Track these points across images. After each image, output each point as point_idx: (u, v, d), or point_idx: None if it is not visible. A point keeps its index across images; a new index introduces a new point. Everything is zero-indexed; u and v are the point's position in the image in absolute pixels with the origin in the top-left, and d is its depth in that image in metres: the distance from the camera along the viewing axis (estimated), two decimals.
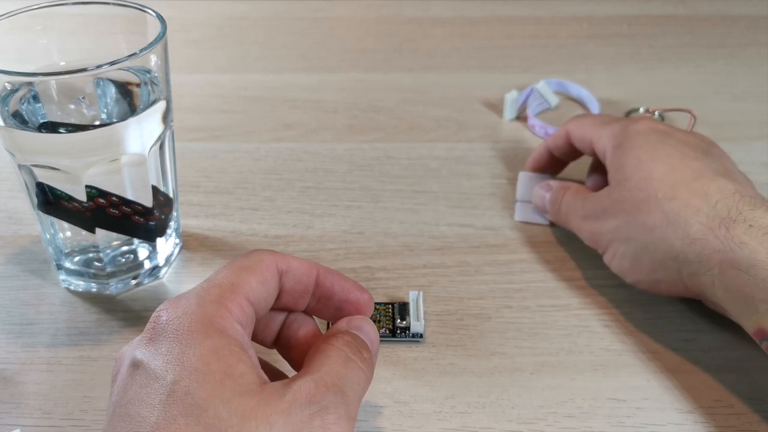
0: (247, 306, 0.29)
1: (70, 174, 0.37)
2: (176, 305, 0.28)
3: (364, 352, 0.30)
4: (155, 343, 0.27)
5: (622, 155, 0.41)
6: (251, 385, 0.26)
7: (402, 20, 0.78)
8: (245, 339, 0.28)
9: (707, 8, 0.80)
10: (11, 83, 0.37)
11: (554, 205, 0.45)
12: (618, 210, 0.40)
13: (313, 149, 0.56)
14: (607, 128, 0.44)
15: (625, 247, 0.39)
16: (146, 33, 0.39)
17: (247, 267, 0.30)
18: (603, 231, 0.40)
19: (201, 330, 0.26)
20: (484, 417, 0.36)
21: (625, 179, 0.40)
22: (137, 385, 0.26)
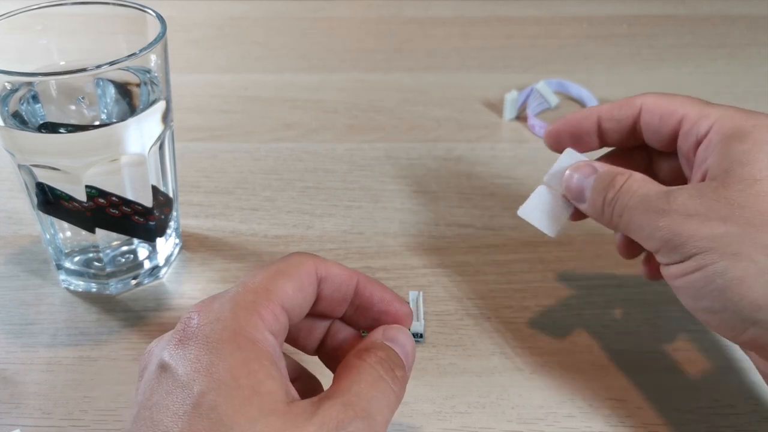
0: (281, 314, 0.28)
1: (70, 174, 0.37)
2: (209, 309, 0.27)
3: (397, 370, 0.29)
4: (184, 346, 0.26)
5: (752, 148, 0.31)
6: (278, 404, 0.25)
7: (402, 20, 0.78)
8: (276, 350, 0.27)
9: (707, 8, 0.80)
10: (11, 83, 0.37)
11: (603, 193, 0.35)
12: (732, 215, 0.30)
13: (313, 149, 0.56)
14: (716, 109, 0.34)
15: (727, 263, 0.30)
16: (146, 33, 0.39)
17: (285, 271, 0.29)
18: (698, 234, 0.31)
19: (232, 340, 0.26)
20: (484, 417, 0.36)
21: (752, 179, 0.31)
22: (163, 391, 0.25)
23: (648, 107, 0.37)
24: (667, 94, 0.37)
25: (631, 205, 0.33)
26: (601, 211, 0.35)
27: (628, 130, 0.37)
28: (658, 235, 0.32)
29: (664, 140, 0.36)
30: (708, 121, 0.34)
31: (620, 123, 0.37)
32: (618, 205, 0.34)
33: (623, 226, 0.34)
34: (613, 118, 0.37)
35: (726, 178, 0.31)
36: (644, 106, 0.37)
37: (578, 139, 0.38)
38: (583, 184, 0.36)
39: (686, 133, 0.35)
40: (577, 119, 0.38)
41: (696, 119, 0.34)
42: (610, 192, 0.34)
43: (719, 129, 0.33)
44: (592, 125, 0.38)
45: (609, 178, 0.35)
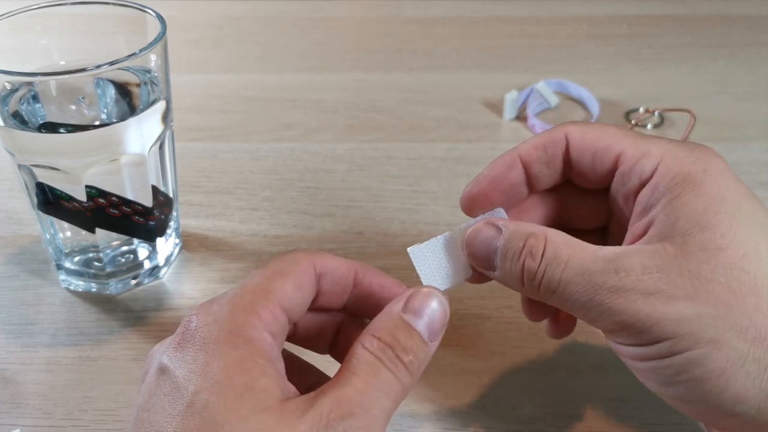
0: (280, 313, 0.27)
1: (70, 174, 0.37)
2: (207, 311, 0.27)
3: (404, 355, 0.27)
4: (182, 349, 0.26)
5: (710, 206, 0.28)
6: (272, 401, 0.25)
7: (402, 20, 0.78)
8: (273, 349, 0.27)
9: (707, 8, 0.80)
10: (11, 83, 0.37)
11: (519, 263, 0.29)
12: (701, 293, 0.26)
13: (313, 149, 0.56)
14: (655, 145, 0.30)
15: (704, 351, 0.26)
16: (146, 33, 0.39)
17: (283, 270, 0.28)
18: (666, 318, 0.26)
19: (228, 340, 0.26)
20: (484, 417, 0.36)
21: (715, 248, 0.27)
22: (161, 393, 0.25)
23: (576, 143, 0.31)
24: (592, 125, 0.32)
25: (566, 279, 0.28)
26: (520, 284, 0.29)
27: (560, 172, 0.32)
28: (615, 320, 0.27)
29: (597, 179, 0.32)
30: (651, 160, 0.29)
31: (549, 165, 0.32)
32: (547, 279, 0.28)
33: (558, 302, 0.29)
34: (540, 161, 0.32)
35: (685, 245, 0.27)
36: (572, 142, 0.31)
37: (506, 196, 0.32)
38: (489, 249, 0.30)
39: (626, 173, 0.30)
40: (499, 173, 0.32)
41: (636, 157, 0.30)
42: (531, 261, 0.28)
43: (666, 173, 0.29)
44: (518, 175, 0.32)
45: (520, 241, 0.29)
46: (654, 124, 0.59)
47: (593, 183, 0.32)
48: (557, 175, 0.32)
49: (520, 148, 0.32)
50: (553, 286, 0.28)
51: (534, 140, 0.32)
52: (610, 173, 0.31)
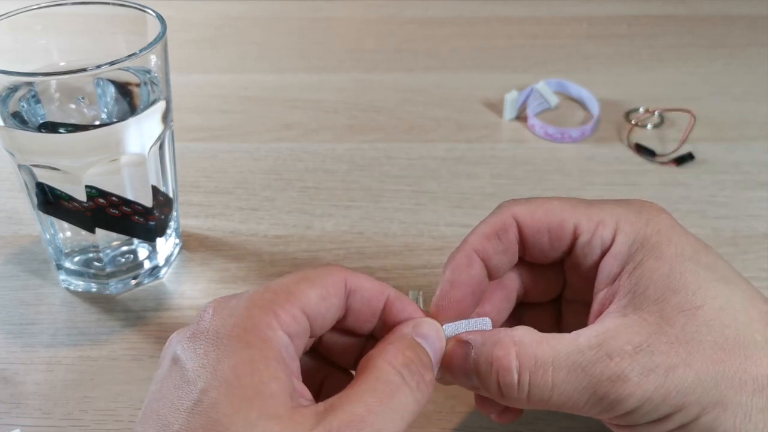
0: (301, 317, 0.26)
1: (70, 174, 0.37)
2: (225, 305, 0.26)
3: (426, 372, 0.26)
4: (196, 341, 0.26)
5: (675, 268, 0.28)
6: (280, 408, 0.24)
7: (402, 20, 0.78)
8: (289, 350, 0.26)
9: (707, 8, 0.80)
10: (11, 83, 0.37)
11: (501, 382, 0.27)
12: (694, 356, 0.26)
13: (313, 149, 0.56)
14: (605, 211, 0.30)
15: (713, 415, 0.26)
16: (146, 33, 0.39)
17: (310, 279, 0.27)
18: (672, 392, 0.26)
19: (241, 337, 0.25)
20: (484, 417, 0.36)
21: (692, 308, 0.27)
22: (171, 384, 0.25)
23: (528, 224, 0.31)
24: (534, 201, 0.31)
25: (560, 380, 0.27)
26: (501, 398, 0.28)
27: (516, 256, 0.32)
28: (623, 407, 0.26)
29: (554, 255, 0.32)
30: (607, 229, 0.30)
31: (507, 253, 0.31)
32: (537, 389, 0.27)
33: (554, 407, 0.28)
34: (497, 251, 0.31)
35: (663, 312, 0.27)
36: (523, 224, 0.31)
37: (474, 294, 0.31)
38: (466, 371, 0.29)
39: (586, 245, 0.30)
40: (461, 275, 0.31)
41: (592, 228, 0.30)
42: (507, 376, 0.27)
43: (626, 240, 0.29)
44: (479, 270, 0.31)
45: (489, 358, 0.28)
46: (654, 124, 0.59)
47: (550, 259, 0.32)
48: (515, 260, 0.32)
49: (472, 241, 0.31)
50: (546, 394, 0.27)
51: (482, 230, 0.31)
52: (568, 248, 0.31)
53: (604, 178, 0.53)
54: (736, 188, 0.52)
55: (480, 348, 0.28)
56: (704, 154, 0.55)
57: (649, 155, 0.55)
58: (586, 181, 0.53)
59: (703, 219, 0.49)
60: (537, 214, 0.31)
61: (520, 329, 0.28)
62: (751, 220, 0.49)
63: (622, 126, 0.59)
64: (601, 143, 0.57)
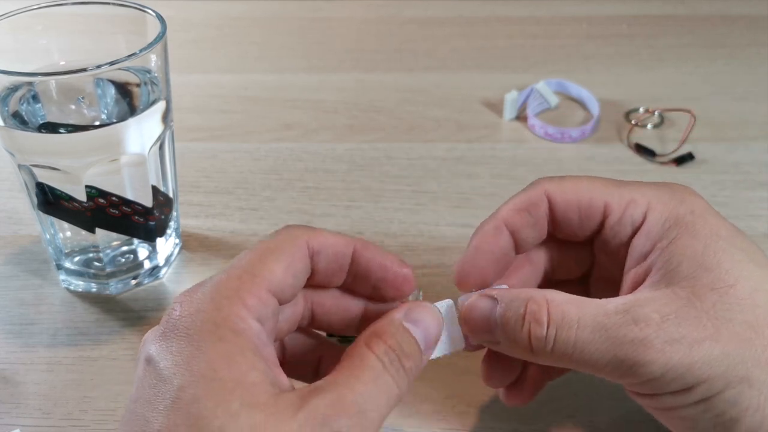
0: (269, 298, 0.26)
1: (70, 174, 0.37)
2: (191, 299, 0.26)
3: (407, 360, 0.27)
4: (167, 339, 0.25)
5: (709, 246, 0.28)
6: (263, 395, 0.24)
7: (402, 20, 0.78)
8: (262, 338, 0.26)
9: (707, 8, 0.80)
10: (11, 83, 0.37)
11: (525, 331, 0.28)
12: (722, 332, 0.27)
13: (313, 149, 0.56)
14: (637, 191, 0.31)
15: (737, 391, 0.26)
16: (146, 33, 0.39)
17: (273, 250, 0.27)
18: (697, 362, 0.26)
19: (213, 331, 0.25)
20: (484, 417, 0.36)
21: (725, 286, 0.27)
22: (147, 384, 0.25)
23: (559, 201, 0.31)
24: (567, 179, 0.32)
25: (583, 339, 0.27)
26: (528, 352, 0.28)
27: (546, 231, 0.32)
28: (644, 372, 0.27)
29: (584, 233, 0.32)
30: (639, 208, 0.30)
31: (536, 227, 0.32)
32: (561, 343, 0.27)
33: (576, 365, 0.28)
34: (526, 224, 0.31)
35: (695, 288, 0.27)
36: (554, 201, 0.31)
37: (498, 264, 0.31)
38: (488, 322, 0.29)
39: (615, 223, 0.31)
40: (488, 243, 0.31)
41: (622, 207, 0.30)
42: (537, 328, 0.28)
43: (657, 218, 0.29)
44: (507, 242, 0.31)
45: (520, 308, 0.28)
46: (654, 124, 0.59)
47: (579, 237, 0.32)
48: (543, 235, 0.32)
49: (503, 213, 0.32)
50: (569, 349, 0.27)
51: (515, 203, 0.32)
52: (598, 226, 0.31)
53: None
54: (736, 188, 0.52)
55: (509, 303, 0.29)
56: (704, 154, 0.55)
57: (649, 155, 0.55)
58: None
59: None
60: (568, 191, 0.31)
61: (550, 291, 0.29)
62: (751, 220, 0.49)
63: (622, 126, 0.59)
64: (601, 143, 0.57)
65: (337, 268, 0.29)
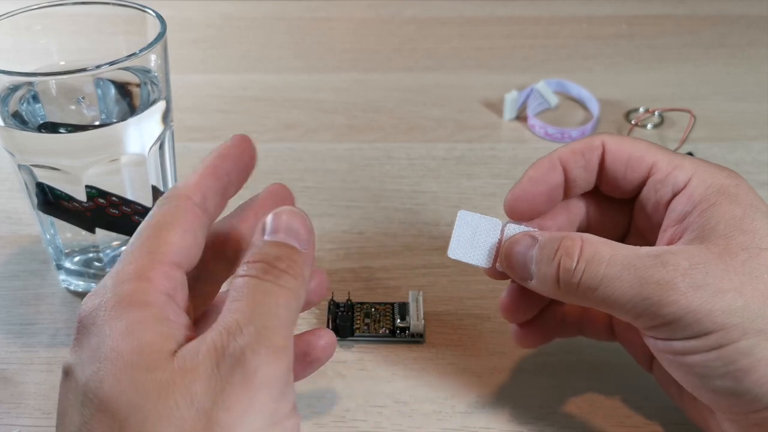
0: (173, 270, 0.26)
1: (70, 174, 0.37)
2: (93, 296, 0.26)
3: (279, 263, 0.25)
4: (80, 343, 0.25)
5: (748, 213, 0.29)
6: (163, 354, 0.23)
7: (402, 20, 0.78)
8: (170, 307, 0.25)
9: (707, 8, 0.80)
10: (11, 83, 0.37)
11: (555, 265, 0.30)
12: (747, 287, 0.27)
13: (313, 149, 0.56)
14: (688, 160, 0.31)
15: (752, 341, 0.27)
16: (146, 33, 0.39)
17: (164, 223, 0.27)
18: (716, 309, 0.27)
19: (115, 318, 0.24)
20: (484, 417, 0.36)
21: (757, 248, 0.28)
22: (64, 391, 0.25)
23: (612, 150, 0.32)
24: (626, 137, 0.33)
25: (610, 275, 0.28)
26: (555, 284, 0.30)
27: (595, 177, 0.33)
28: (663, 312, 0.27)
29: (627, 188, 0.33)
30: (684, 172, 0.31)
31: (587, 170, 0.33)
32: (588, 276, 0.28)
33: (598, 300, 0.29)
34: (578, 165, 0.33)
35: (728, 246, 0.28)
36: (607, 149, 0.32)
37: (547, 197, 0.33)
38: (525, 258, 0.31)
39: (658, 182, 0.31)
40: (542, 174, 0.33)
41: (669, 169, 0.31)
42: (567, 260, 0.29)
43: (702, 183, 0.30)
44: (559, 177, 0.33)
45: (555, 244, 0.30)
46: (654, 124, 0.59)
47: (622, 191, 0.33)
48: (592, 181, 0.33)
49: (560, 151, 0.33)
50: (595, 283, 0.28)
51: (572, 145, 0.33)
52: (641, 182, 0.32)
53: None
54: None
55: (547, 239, 0.30)
56: (704, 154, 0.55)
57: None
58: None
59: None
60: (623, 144, 0.32)
61: (588, 234, 0.30)
62: None
63: (622, 126, 0.59)
64: None
65: (222, 198, 0.31)
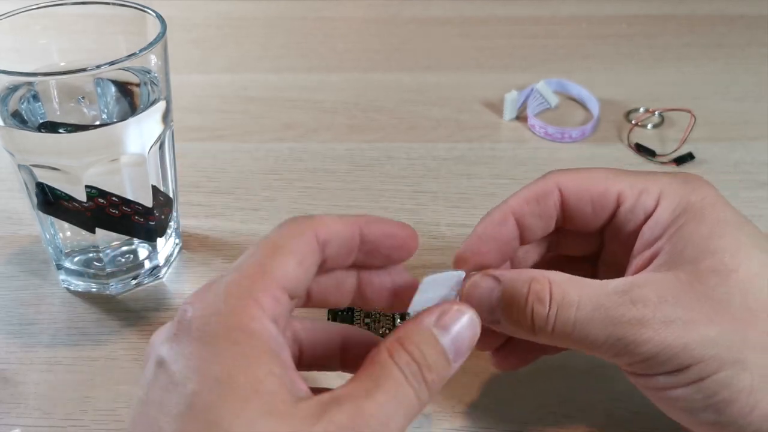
0: (282, 296, 0.26)
1: (70, 174, 0.37)
2: (203, 300, 0.25)
3: (428, 373, 0.26)
4: (179, 341, 0.25)
5: (714, 231, 0.28)
6: (281, 404, 0.23)
7: (402, 20, 0.78)
8: (278, 340, 0.25)
9: (707, 8, 0.80)
10: (11, 83, 0.37)
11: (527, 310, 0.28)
12: (720, 315, 0.27)
13: (313, 149, 0.56)
14: (650, 180, 0.31)
15: (731, 372, 0.26)
16: (146, 33, 0.39)
17: (283, 245, 0.26)
18: (691, 343, 0.26)
19: (227, 335, 0.24)
20: (484, 417, 0.36)
21: (726, 270, 0.27)
22: (159, 388, 0.24)
23: (572, 193, 0.31)
24: (579, 171, 0.32)
25: (582, 318, 0.27)
26: (530, 332, 0.29)
27: (554, 223, 0.32)
28: (640, 351, 0.27)
29: (596, 224, 0.32)
30: (651, 196, 0.30)
31: (543, 218, 0.31)
32: (561, 322, 0.28)
33: (574, 343, 0.28)
34: (533, 215, 0.31)
35: (696, 271, 0.28)
36: (566, 193, 0.31)
37: (500, 253, 0.32)
38: (490, 301, 0.29)
39: (629, 211, 0.31)
40: (492, 231, 0.31)
41: (635, 195, 0.30)
42: (540, 307, 0.28)
43: (669, 205, 0.30)
44: (511, 231, 0.31)
45: (523, 288, 0.28)
46: (654, 124, 0.59)
47: (591, 227, 0.32)
48: (551, 226, 0.32)
49: (511, 203, 0.32)
50: (569, 328, 0.28)
51: (525, 193, 0.32)
52: (610, 216, 0.31)
53: None
54: (736, 188, 0.52)
55: (511, 282, 0.29)
56: (704, 154, 0.55)
57: (649, 155, 0.55)
58: None
59: None
60: (581, 182, 0.31)
61: (551, 271, 0.29)
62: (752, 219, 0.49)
63: (622, 126, 0.59)
64: (601, 143, 0.57)
65: (347, 252, 0.29)
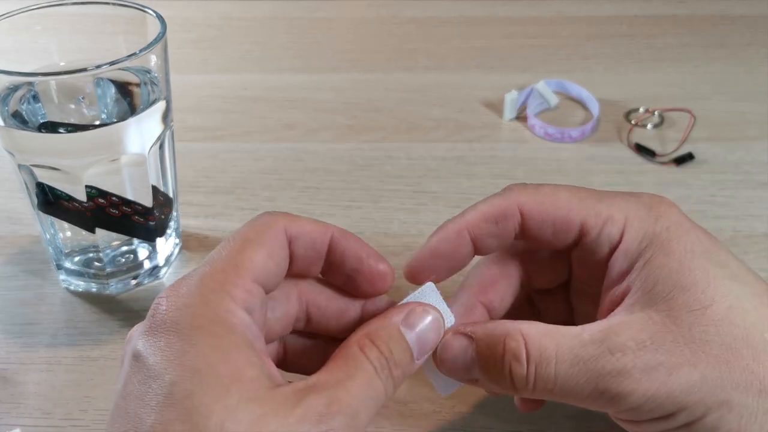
0: (255, 288, 0.26)
1: (70, 174, 0.37)
2: (177, 294, 0.26)
3: (395, 369, 0.27)
4: (154, 334, 0.25)
5: (683, 264, 0.28)
6: (260, 390, 0.24)
7: (402, 20, 0.78)
8: (253, 330, 0.26)
9: (707, 8, 0.80)
10: (11, 83, 0.37)
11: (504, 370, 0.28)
12: (700, 356, 0.26)
13: (313, 149, 0.56)
14: (614, 207, 0.30)
15: (718, 415, 0.26)
16: (146, 33, 0.39)
17: (252, 239, 0.27)
18: (676, 390, 0.26)
19: (204, 327, 0.25)
20: (484, 417, 0.36)
21: (701, 307, 0.27)
22: (137, 381, 0.24)
23: (533, 216, 0.30)
24: (542, 190, 0.31)
25: (562, 374, 0.27)
26: (512, 390, 0.28)
27: (509, 242, 0.31)
28: (625, 402, 0.26)
29: (558, 247, 0.31)
30: (616, 226, 0.29)
31: (501, 239, 0.31)
32: (542, 380, 0.27)
33: (558, 398, 0.28)
34: (490, 234, 0.31)
35: (670, 311, 0.27)
36: (527, 215, 0.30)
37: (451, 266, 0.31)
38: (464, 362, 0.29)
39: (593, 242, 0.30)
40: (446, 247, 0.31)
41: (599, 225, 0.30)
42: (519, 367, 0.27)
43: (634, 236, 0.29)
44: (466, 247, 0.31)
45: (498, 346, 0.28)
46: (654, 124, 0.59)
47: (553, 248, 0.32)
48: (507, 244, 0.32)
49: (468, 219, 0.31)
50: (550, 385, 0.27)
51: (483, 210, 0.31)
52: (573, 242, 0.31)
53: (604, 178, 0.53)
54: (736, 188, 0.52)
55: (485, 340, 0.28)
56: (704, 154, 0.55)
57: (649, 155, 0.55)
58: (586, 181, 0.53)
59: (703, 219, 0.49)
60: (544, 206, 0.30)
61: (525, 322, 0.28)
62: (751, 220, 0.49)
63: (622, 126, 0.59)
64: (601, 143, 0.57)
65: (315, 256, 0.29)
